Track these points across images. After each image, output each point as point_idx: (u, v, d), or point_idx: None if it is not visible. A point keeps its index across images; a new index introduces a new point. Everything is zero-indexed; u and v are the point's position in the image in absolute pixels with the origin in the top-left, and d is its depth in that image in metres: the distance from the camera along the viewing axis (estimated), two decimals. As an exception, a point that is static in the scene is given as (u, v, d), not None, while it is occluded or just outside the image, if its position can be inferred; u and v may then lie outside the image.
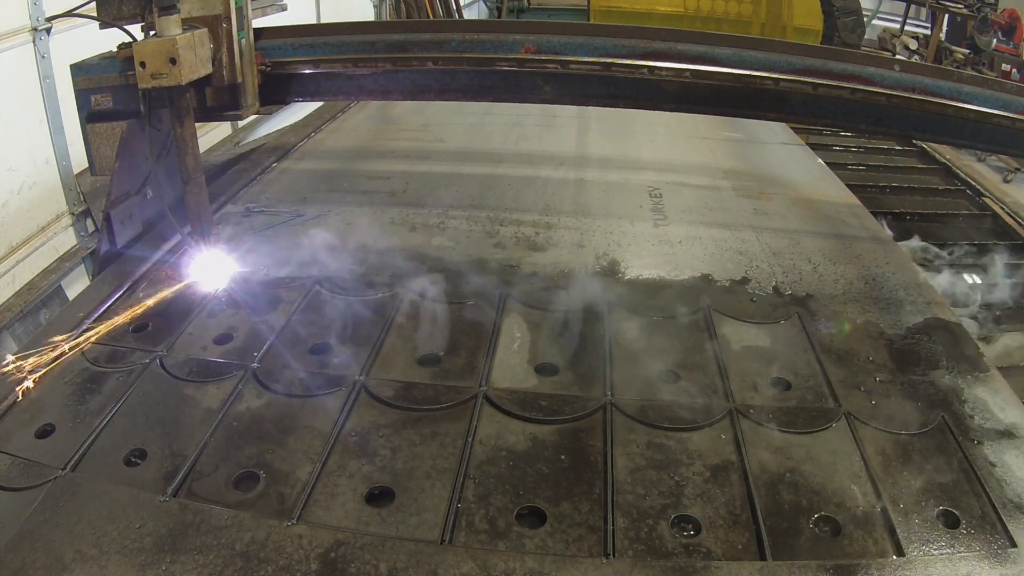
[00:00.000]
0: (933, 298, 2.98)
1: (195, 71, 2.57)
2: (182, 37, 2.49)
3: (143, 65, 2.49)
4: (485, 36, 2.89)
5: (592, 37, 2.85)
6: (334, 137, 4.83)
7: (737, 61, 2.78)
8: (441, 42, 2.90)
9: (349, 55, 2.93)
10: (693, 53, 2.79)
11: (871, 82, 2.76)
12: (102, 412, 2.20)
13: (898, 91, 2.76)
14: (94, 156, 3.11)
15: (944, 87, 2.75)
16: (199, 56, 2.58)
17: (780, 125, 5.51)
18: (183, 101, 2.64)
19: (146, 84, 2.53)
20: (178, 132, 2.70)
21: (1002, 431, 2.23)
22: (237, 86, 2.79)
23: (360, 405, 2.24)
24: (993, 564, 1.79)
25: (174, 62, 2.47)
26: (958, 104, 2.75)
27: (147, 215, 3.32)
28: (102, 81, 3.02)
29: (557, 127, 5.04)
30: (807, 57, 2.79)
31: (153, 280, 2.94)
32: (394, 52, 2.91)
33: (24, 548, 1.76)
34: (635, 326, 2.68)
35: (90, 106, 3.07)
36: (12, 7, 3.72)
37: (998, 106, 2.74)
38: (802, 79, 2.77)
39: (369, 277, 2.96)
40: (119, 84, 2.99)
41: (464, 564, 1.74)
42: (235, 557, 1.73)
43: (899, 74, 2.77)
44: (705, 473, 2.03)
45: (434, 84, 3.01)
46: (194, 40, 2.54)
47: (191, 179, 2.78)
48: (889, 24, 13.56)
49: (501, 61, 2.86)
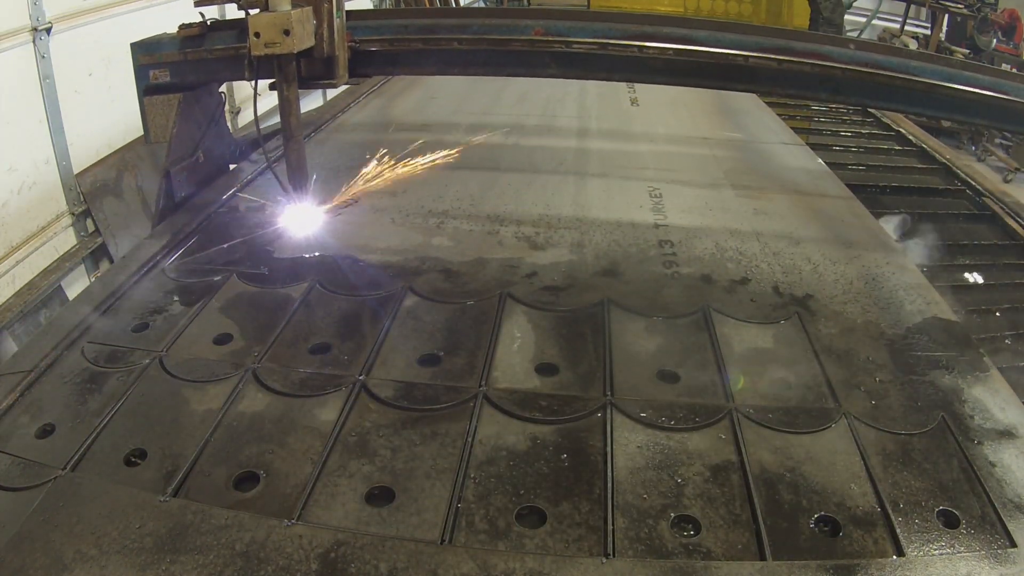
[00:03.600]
0: (933, 298, 2.98)
1: (303, 42, 2.87)
2: (295, 11, 2.77)
3: (257, 35, 2.77)
4: (502, 21, 3.42)
5: (591, 22, 3.32)
6: (334, 137, 4.83)
7: (713, 41, 3.20)
8: (465, 26, 3.38)
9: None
10: (676, 35, 3.23)
11: (829, 58, 3.13)
12: (102, 412, 2.20)
13: (852, 65, 3.11)
14: (150, 125, 3.57)
15: (893, 62, 3.10)
16: (306, 30, 2.88)
17: (780, 125, 5.52)
18: (291, 68, 2.94)
19: (259, 52, 2.80)
20: (284, 95, 3.00)
21: (1002, 431, 2.23)
22: (332, 59, 3.08)
23: (360, 405, 2.24)
24: (993, 564, 1.79)
25: (287, 33, 2.76)
26: (906, 76, 3.09)
27: (200, 177, 3.81)
28: (161, 57, 3.46)
29: (557, 127, 5.04)
30: (773, 38, 3.20)
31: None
32: (424, 33, 3.38)
33: (24, 548, 1.76)
34: (635, 326, 2.68)
35: (148, 80, 3.48)
36: (12, 7, 3.72)
37: (943, 78, 3.05)
38: (769, 56, 3.17)
39: (369, 276, 2.96)
40: (178, 60, 3.42)
41: (464, 564, 1.74)
42: (235, 557, 1.73)
43: (853, 51, 3.13)
44: (705, 473, 2.03)
45: (458, 60, 3.47)
46: (303, 15, 2.84)
47: (293, 137, 3.09)
48: (889, 24, 13.57)
49: (515, 42, 3.35)
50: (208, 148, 3.87)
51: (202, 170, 3.83)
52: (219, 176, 3.96)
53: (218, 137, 4.02)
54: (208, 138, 3.88)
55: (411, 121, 5.13)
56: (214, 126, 3.92)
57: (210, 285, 2.89)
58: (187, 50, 3.40)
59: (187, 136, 3.70)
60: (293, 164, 3.16)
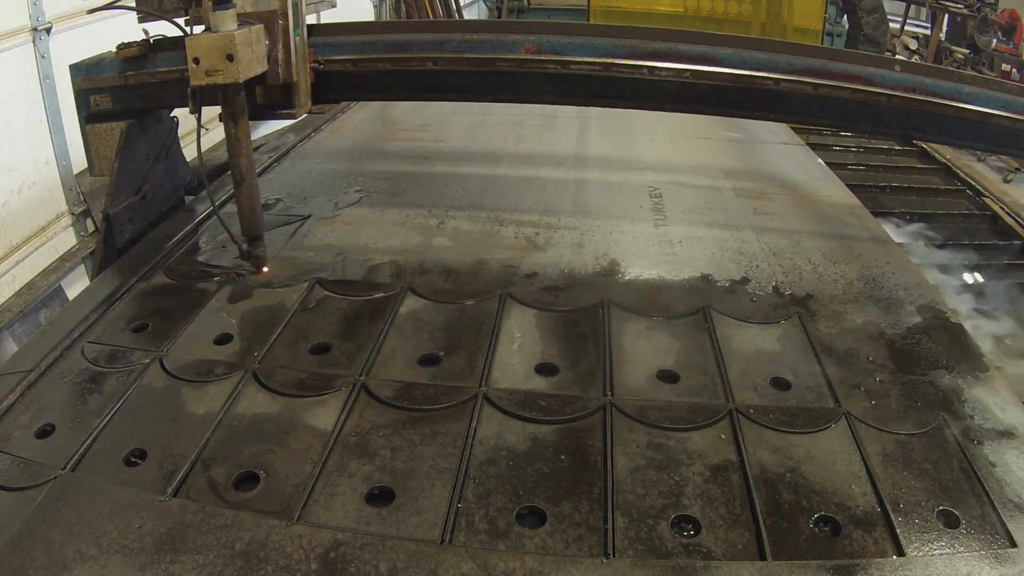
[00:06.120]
0: (933, 298, 2.98)
1: (252, 68, 2.46)
2: (240, 32, 2.36)
3: (196, 61, 2.36)
4: (484, 36, 2.90)
5: (592, 37, 2.86)
6: (334, 137, 4.83)
7: (737, 61, 2.79)
8: (441, 42, 2.89)
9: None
10: (693, 53, 2.80)
11: (872, 82, 2.77)
12: (102, 412, 2.20)
13: (899, 91, 2.77)
14: (94, 157, 3.12)
15: (944, 87, 2.76)
16: (256, 53, 2.47)
17: (780, 125, 5.51)
18: (238, 100, 2.54)
19: (200, 81, 2.39)
20: (232, 132, 2.60)
21: (1002, 431, 2.23)
22: (291, 84, 2.70)
23: (360, 405, 2.24)
24: (993, 564, 1.78)
25: (231, 58, 2.35)
26: (958, 104, 2.75)
27: (148, 216, 3.32)
28: (101, 81, 3.01)
29: (557, 127, 5.04)
30: (807, 57, 2.79)
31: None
32: (394, 52, 2.91)
33: (24, 548, 1.76)
34: (635, 326, 2.68)
35: (89, 106, 3.06)
36: (12, 7, 3.72)
37: (999, 106, 2.75)
38: (803, 79, 2.77)
39: (369, 277, 2.96)
40: (118, 84, 2.98)
41: (464, 564, 1.74)
42: (235, 557, 1.73)
43: (900, 74, 2.78)
44: (705, 473, 2.03)
45: (433, 84, 3.01)
46: (251, 36, 2.42)
47: (244, 181, 2.68)
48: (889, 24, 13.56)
49: (501, 61, 2.86)
50: (156, 183, 3.31)
51: (149, 209, 3.32)
52: (171, 213, 3.52)
53: (170, 169, 3.47)
54: (156, 171, 3.31)
55: (411, 121, 5.14)
56: (164, 157, 3.36)
57: (210, 285, 2.89)
58: (128, 73, 2.95)
59: (132, 171, 3.18)
60: (245, 211, 2.74)
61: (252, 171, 2.69)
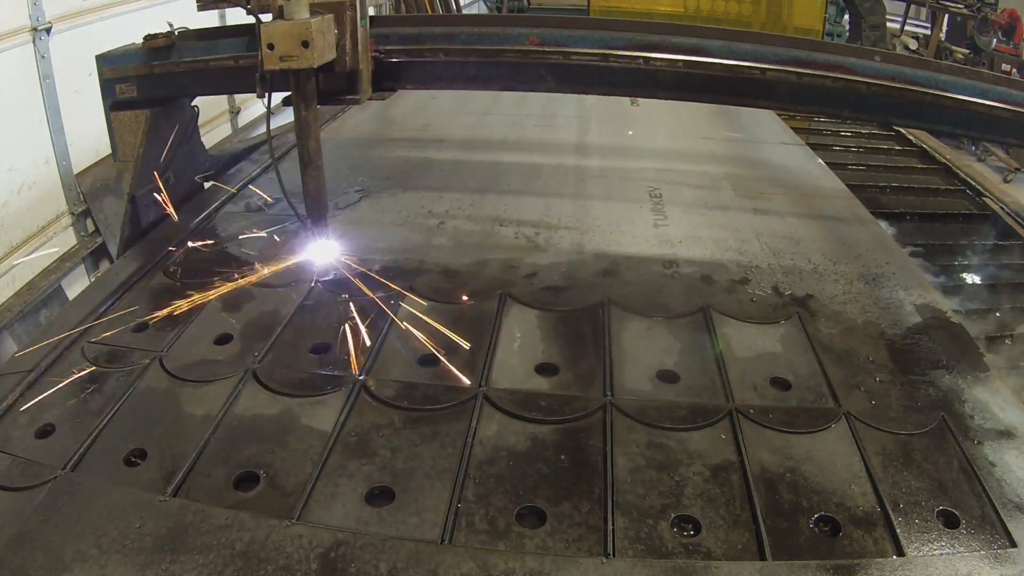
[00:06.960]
0: (933, 298, 2.98)
1: (324, 56, 2.55)
2: (315, 20, 2.45)
3: (271, 47, 2.44)
4: (492, 29, 3.09)
5: (592, 30, 3.04)
6: (334, 137, 4.82)
7: (727, 52, 2.95)
8: (451, 35, 3.09)
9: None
10: (686, 45, 2.97)
11: (852, 71, 2.91)
12: (102, 412, 2.20)
13: (879, 80, 2.90)
14: (117, 143, 3.29)
15: (922, 76, 2.89)
16: (327, 41, 2.56)
17: (780, 125, 5.52)
18: (310, 85, 2.63)
19: (273, 66, 2.47)
20: (302, 115, 2.67)
21: (1002, 431, 2.23)
22: (356, 72, 2.79)
23: (360, 405, 2.24)
24: (993, 564, 1.78)
25: (306, 45, 2.43)
26: (936, 92, 2.87)
27: (170, 199, 3.48)
28: (128, 71, 3.17)
29: (557, 127, 5.04)
30: (792, 48, 2.97)
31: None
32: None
33: (24, 548, 1.76)
34: (635, 326, 2.68)
35: (115, 95, 3.22)
36: (12, 7, 3.72)
37: (975, 94, 2.87)
38: (787, 69, 2.94)
39: (369, 277, 2.95)
40: (144, 74, 3.14)
41: (464, 564, 1.74)
42: (235, 557, 1.73)
43: (879, 64, 2.92)
44: (705, 473, 2.03)
45: (443, 74, 3.19)
46: (324, 25, 2.52)
47: (311, 163, 2.77)
48: (889, 24, 13.55)
49: (508, 52, 3.04)
50: (179, 168, 3.52)
51: (172, 192, 3.51)
52: (191, 199, 3.71)
53: (191, 155, 3.68)
54: (179, 157, 3.52)
55: (411, 121, 5.13)
56: (186, 143, 3.56)
57: (210, 285, 2.88)
58: (154, 63, 3.12)
59: (156, 156, 3.39)
60: (311, 193, 2.86)
61: (319, 153, 2.80)
